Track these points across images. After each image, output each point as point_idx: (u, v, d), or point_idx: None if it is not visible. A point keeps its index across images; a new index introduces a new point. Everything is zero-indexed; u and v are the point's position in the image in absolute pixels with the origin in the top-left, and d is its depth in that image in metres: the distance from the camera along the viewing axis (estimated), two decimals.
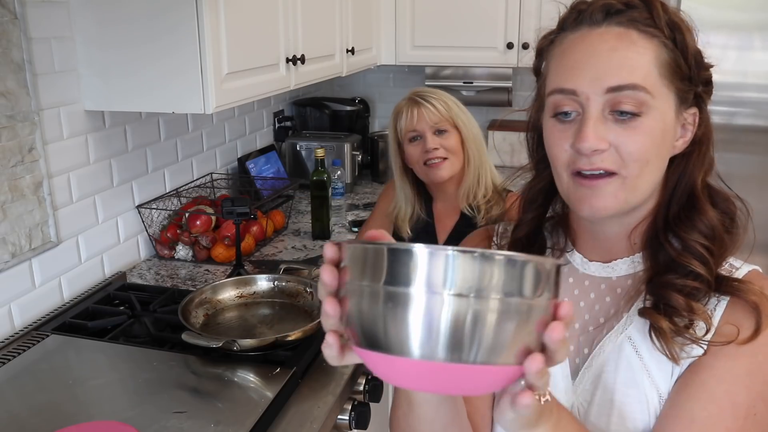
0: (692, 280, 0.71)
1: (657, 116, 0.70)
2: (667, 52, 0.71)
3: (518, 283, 0.49)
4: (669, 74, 0.71)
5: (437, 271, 0.48)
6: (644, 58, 0.70)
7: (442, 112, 1.60)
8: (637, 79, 0.69)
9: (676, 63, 0.71)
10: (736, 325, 0.69)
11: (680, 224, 0.75)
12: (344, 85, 3.40)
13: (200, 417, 1.15)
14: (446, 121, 1.60)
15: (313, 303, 1.54)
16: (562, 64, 0.75)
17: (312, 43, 2.10)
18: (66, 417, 1.15)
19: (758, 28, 2.41)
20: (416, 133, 1.61)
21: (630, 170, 0.71)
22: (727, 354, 0.69)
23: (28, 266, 1.54)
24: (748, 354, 0.69)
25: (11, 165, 1.46)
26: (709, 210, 0.74)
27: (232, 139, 2.51)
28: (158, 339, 1.46)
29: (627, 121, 0.70)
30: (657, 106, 0.70)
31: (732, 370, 0.69)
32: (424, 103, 1.60)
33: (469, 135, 1.64)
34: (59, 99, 1.59)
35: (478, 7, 2.83)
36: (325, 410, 1.23)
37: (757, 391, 0.69)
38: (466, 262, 0.48)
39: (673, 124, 0.72)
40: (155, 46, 1.52)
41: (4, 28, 1.41)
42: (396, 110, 1.67)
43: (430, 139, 1.60)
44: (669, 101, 0.71)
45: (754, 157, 2.55)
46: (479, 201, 1.63)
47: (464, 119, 1.64)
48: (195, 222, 1.97)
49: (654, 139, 0.71)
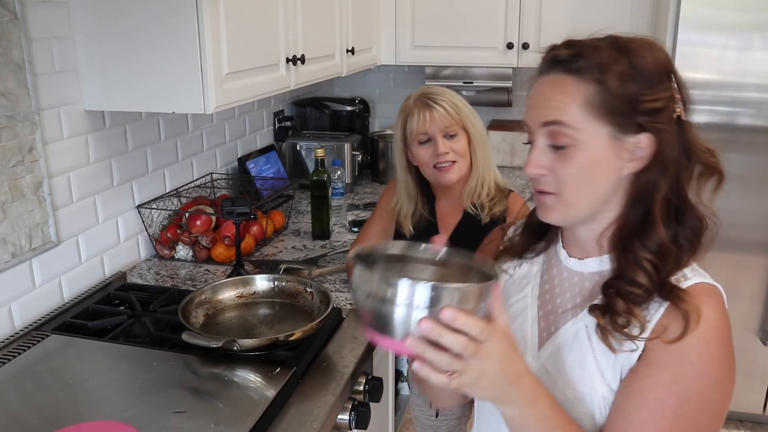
0: (635, 288, 0.83)
1: (585, 147, 0.84)
2: (597, 93, 0.83)
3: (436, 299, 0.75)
4: (598, 111, 0.83)
5: (403, 295, 0.75)
6: (572, 99, 0.84)
7: (453, 115, 1.59)
8: (563, 116, 0.84)
9: (605, 102, 0.82)
10: (667, 327, 0.81)
11: (632, 238, 0.86)
12: (344, 85, 3.40)
13: (200, 417, 1.15)
14: (456, 124, 1.60)
15: (312, 303, 1.54)
16: (526, 103, 0.92)
17: (312, 43, 2.10)
18: (66, 417, 1.15)
19: (758, 28, 2.41)
20: (427, 136, 1.61)
21: (565, 192, 0.87)
22: (658, 364, 0.81)
23: (28, 266, 1.55)
24: (675, 364, 0.80)
25: (11, 165, 1.46)
26: (660, 229, 0.84)
27: (232, 139, 2.52)
28: (158, 339, 1.46)
29: (560, 151, 0.85)
30: (584, 139, 0.84)
31: (661, 379, 0.81)
32: (436, 107, 1.59)
33: (476, 136, 1.63)
34: (59, 99, 1.59)
35: (478, 7, 2.83)
36: (325, 410, 1.23)
37: (683, 395, 0.80)
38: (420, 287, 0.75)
39: (607, 152, 0.84)
40: (155, 46, 1.52)
41: (4, 28, 1.41)
42: (405, 110, 1.65)
43: (441, 143, 1.59)
44: (599, 134, 0.84)
45: (754, 157, 2.55)
46: (483, 200, 1.64)
47: (473, 120, 1.63)
48: (195, 222, 1.97)
49: (584, 166, 0.85)
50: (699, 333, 0.80)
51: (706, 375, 0.81)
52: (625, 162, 0.85)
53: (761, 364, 2.75)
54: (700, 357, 0.80)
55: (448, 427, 1.88)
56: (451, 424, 1.88)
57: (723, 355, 0.82)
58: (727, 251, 2.63)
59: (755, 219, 2.60)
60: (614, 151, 0.84)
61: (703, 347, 0.80)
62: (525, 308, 0.98)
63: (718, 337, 0.81)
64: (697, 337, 0.80)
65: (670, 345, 0.80)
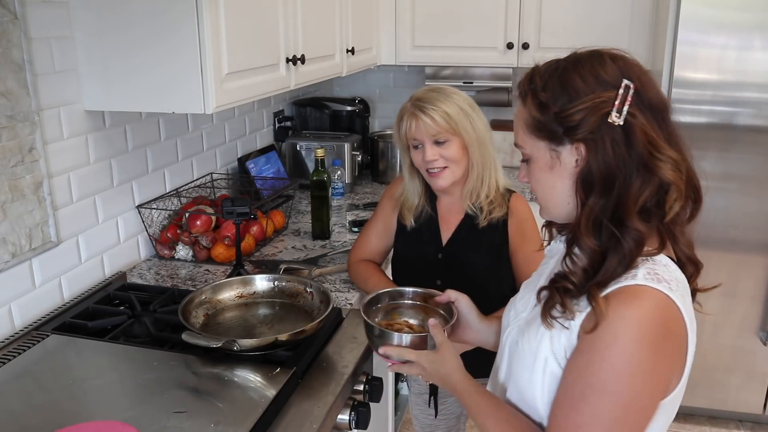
0: (568, 283, 0.95)
1: (534, 160, 0.99)
2: (528, 114, 0.97)
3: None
4: (533, 129, 0.97)
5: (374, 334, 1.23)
6: (519, 122, 1.00)
7: (440, 124, 1.56)
8: (517, 138, 1.02)
9: (534, 121, 0.96)
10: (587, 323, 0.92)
11: (572, 239, 0.97)
12: (344, 85, 3.40)
13: (200, 417, 1.15)
14: (446, 131, 1.57)
15: (312, 303, 1.54)
16: None
17: (312, 43, 2.10)
18: (66, 417, 1.15)
19: (758, 28, 2.41)
20: (417, 141, 1.61)
21: (537, 196, 1.03)
22: (579, 351, 0.92)
23: (28, 266, 1.55)
24: (587, 351, 0.90)
25: (11, 165, 1.46)
26: (585, 239, 0.93)
27: (232, 139, 2.52)
28: (158, 339, 1.46)
29: (528, 164, 1.02)
30: (531, 153, 0.99)
31: (576, 363, 0.92)
32: (422, 116, 1.57)
33: (471, 140, 1.60)
34: (59, 99, 1.59)
35: (478, 7, 2.83)
36: (325, 410, 1.23)
37: (586, 381, 0.89)
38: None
39: (548, 162, 0.97)
40: (155, 46, 1.53)
41: (4, 28, 1.41)
42: (399, 114, 1.64)
43: (429, 150, 1.58)
44: (539, 148, 0.97)
45: (754, 157, 2.55)
46: (482, 202, 1.63)
47: (466, 125, 1.59)
48: (195, 222, 1.97)
49: (539, 175, 1.00)
50: (609, 327, 0.87)
51: (608, 365, 0.87)
52: (571, 168, 0.95)
53: (761, 364, 2.75)
54: (607, 348, 0.87)
55: (447, 426, 1.88)
56: (450, 423, 1.88)
57: (634, 351, 0.87)
58: (727, 251, 2.63)
59: (755, 219, 2.60)
60: (555, 160, 0.96)
61: (610, 340, 0.87)
62: (542, 275, 1.12)
63: (630, 334, 0.87)
64: (607, 330, 0.88)
65: (587, 335, 0.90)
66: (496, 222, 1.64)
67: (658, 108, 0.92)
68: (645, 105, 0.90)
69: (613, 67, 0.92)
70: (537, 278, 1.14)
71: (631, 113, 0.89)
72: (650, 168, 0.90)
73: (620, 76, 0.91)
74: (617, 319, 0.87)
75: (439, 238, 1.70)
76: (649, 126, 0.90)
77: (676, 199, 0.91)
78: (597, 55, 0.94)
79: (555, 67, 0.96)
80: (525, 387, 1.00)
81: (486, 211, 1.63)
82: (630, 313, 0.87)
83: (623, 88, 0.89)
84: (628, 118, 0.89)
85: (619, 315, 0.87)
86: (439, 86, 1.65)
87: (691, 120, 2.53)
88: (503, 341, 1.13)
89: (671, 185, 0.90)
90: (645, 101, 0.91)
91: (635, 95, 0.89)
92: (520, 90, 0.99)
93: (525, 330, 1.04)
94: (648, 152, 0.89)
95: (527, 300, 1.11)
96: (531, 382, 0.99)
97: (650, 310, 0.87)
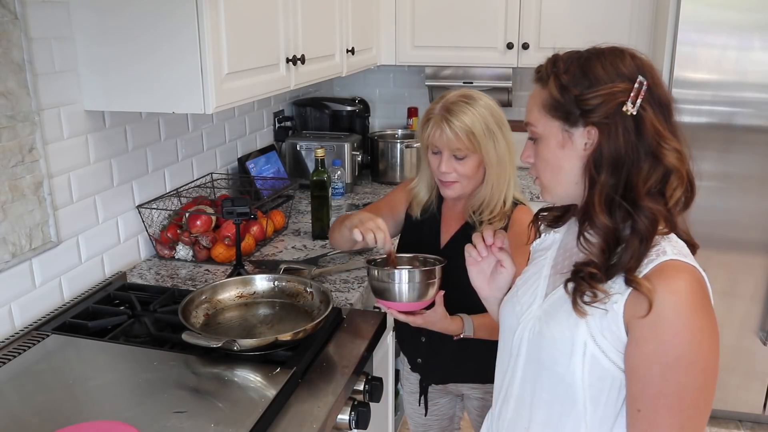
0: (593, 269, 0.99)
1: (545, 139, 1.04)
2: (547, 96, 1.02)
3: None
4: (549, 110, 1.03)
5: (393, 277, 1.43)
6: (535, 102, 1.05)
7: (463, 140, 1.53)
8: (530, 117, 1.07)
9: (552, 102, 1.02)
10: (636, 306, 0.94)
11: (584, 218, 1.02)
12: (344, 85, 3.40)
13: (200, 417, 1.15)
14: (467, 149, 1.55)
15: (312, 303, 1.54)
16: None
17: (312, 43, 2.10)
18: (66, 417, 1.15)
19: (758, 28, 2.41)
20: (437, 149, 1.59)
21: (541, 176, 1.08)
22: (640, 340, 0.94)
23: (28, 266, 1.55)
24: (653, 335, 0.93)
25: (11, 165, 1.46)
26: (600, 216, 0.98)
27: (232, 139, 2.52)
28: (158, 339, 1.46)
29: (536, 144, 1.07)
30: (543, 133, 1.05)
31: (645, 351, 0.94)
32: (447, 129, 1.53)
33: (491, 161, 1.57)
34: (59, 99, 1.59)
35: (478, 7, 2.83)
36: (325, 410, 1.23)
37: (664, 362, 0.92)
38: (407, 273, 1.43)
39: (560, 142, 1.02)
40: (155, 46, 1.53)
41: (5, 28, 1.41)
42: (426, 115, 1.61)
43: (446, 162, 1.56)
44: (552, 128, 1.03)
45: (754, 157, 2.55)
46: (483, 217, 1.61)
47: (488, 146, 1.55)
48: (195, 222, 1.97)
49: (547, 154, 1.04)
50: (668, 305, 0.91)
51: (680, 341, 0.92)
52: (580, 150, 1.01)
53: (761, 364, 2.75)
54: (671, 325, 0.92)
55: (440, 426, 1.88)
56: (443, 423, 1.88)
57: (696, 320, 0.92)
58: (727, 251, 2.63)
59: (755, 219, 2.59)
60: (567, 140, 1.02)
61: (673, 316, 0.92)
62: (542, 267, 1.15)
63: (687, 305, 0.92)
64: (667, 308, 0.92)
65: (644, 320, 0.93)
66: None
67: (665, 105, 0.99)
68: (655, 101, 0.98)
69: (631, 63, 0.99)
70: (537, 270, 1.16)
71: (642, 106, 0.97)
72: (657, 156, 0.97)
73: (636, 71, 0.98)
74: (670, 294, 0.92)
75: (437, 240, 1.70)
76: (656, 120, 0.97)
77: (677, 186, 0.98)
78: (618, 50, 1.01)
79: (578, 55, 1.02)
80: (564, 372, 1.02)
81: (486, 222, 1.61)
82: (680, 286, 0.93)
83: (638, 83, 0.96)
84: (640, 110, 0.96)
85: (671, 290, 0.92)
86: (471, 94, 1.60)
87: (691, 120, 2.53)
88: (517, 335, 1.13)
89: (672, 173, 0.97)
90: (655, 97, 0.98)
91: (647, 91, 0.97)
92: (541, 72, 1.05)
93: (549, 320, 1.06)
94: (656, 142, 0.97)
95: (533, 292, 1.13)
96: (570, 367, 1.01)
97: (694, 281, 0.94)
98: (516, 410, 1.13)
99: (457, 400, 1.85)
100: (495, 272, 1.26)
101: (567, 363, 1.01)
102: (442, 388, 1.78)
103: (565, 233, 1.16)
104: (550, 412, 1.06)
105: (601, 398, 1.01)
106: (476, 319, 1.52)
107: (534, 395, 1.09)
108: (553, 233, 1.19)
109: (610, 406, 1.01)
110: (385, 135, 3.11)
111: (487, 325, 1.52)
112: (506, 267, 1.24)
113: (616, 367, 0.98)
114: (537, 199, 2.71)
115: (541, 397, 1.07)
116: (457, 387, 1.76)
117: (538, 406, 1.08)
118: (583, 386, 1.00)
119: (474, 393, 1.74)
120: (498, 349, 1.22)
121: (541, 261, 1.17)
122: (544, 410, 1.07)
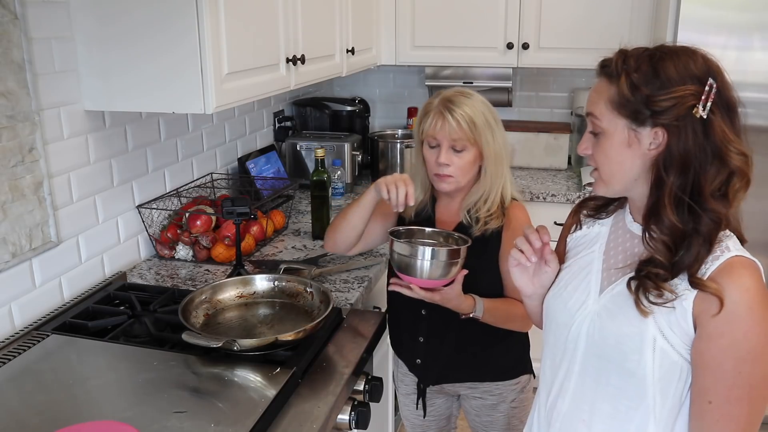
0: (659, 269, 1.00)
1: (608, 135, 1.05)
2: (616, 93, 1.02)
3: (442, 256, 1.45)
4: (617, 107, 1.02)
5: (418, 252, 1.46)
6: (601, 96, 1.05)
7: (464, 131, 1.54)
8: (594, 109, 1.06)
9: (621, 99, 1.01)
10: (706, 305, 0.97)
11: (650, 215, 1.04)
12: (344, 85, 3.40)
13: (200, 417, 1.15)
14: (467, 140, 1.55)
15: (312, 303, 1.54)
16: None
17: (312, 43, 2.10)
18: (66, 417, 1.15)
19: (758, 28, 2.41)
20: (436, 141, 1.59)
21: (601, 169, 1.08)
22: (714, 335, 0.97)
23: (28, 266, 1.55)
24: (727, 331, 0.96)
25: (11, 165, 1.46)
26: (668, 214, 1.00)
27: (232, 139, 2.52)
28: (158, 339, 1.46)
29: (597, 137, 1.07)
30: (607, 128, 1.04)
31: (719, 345, 0.97)
32: (449, 117, 1.54)
33: (489, 154, 1.58)
34: (59, 99, 1.59)
35: (478, 7, 2.83)
36: (325, 410, 1.23)
37: (738, 356, 0.96)
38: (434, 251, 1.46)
39: (625, 139, 1.03)
40: (155, 46, 1.53)
41: (5, 28, 1.41)
42: (425, 109, 1.62)
43: (444, 154, 1.56)
44: (618, 125, 1.03)
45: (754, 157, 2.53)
46: (481, 215, 1.61)
47: (488, 138, 1.57)
48: (195, 222, 1.97)
49: (609, 149, 1.05)
50: (742, 301, 0.95)
51: (753, 335, 0.95)
52: (645, 149, 1.02)
53: None
54: (746, 321, 0.95)
55: (438, 426, 1.87)
56: (441, 424, 1.87)
57: (765, 314, 0.96)
58: None
59: (755, 219, 2.59)
60: (632, 138, 1.02)
61: (747, 313, 0.95)
62: (591, 261, 1.16)
63: (759, 301, 0.96)
64: (741, 305, 0.95)
65: (716, 317, 0.95)
66: (489, 235, 1.61)
67: (732, 108, 1.02)
68: (723, 103, 1.00)
69: (702, 64, 1.00)
70: (585, 265, 1.16)
71: (711, 109, 0.98)
72: (723, 158, 0.99)
73: (707, 73, 0.99)
74: (741, 291, 0.96)
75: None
76: (723, 122, 0.99)
77: (740, 188, 1.01)
78: (690, 50, 1.02)
79: (649, 53, 1.02)
80: (634, 368, 1.03)
81: (482, 221, 1.59)
82: (749, 283, 0.96)
83: (709, 86, 0.97)
84: (709, 113, 0.98)
85: (741, 287, 0.96)
86: (468, 91, 1.62)
87: None
88: (573, 331, 1.12)
89: (736, 175, 1.00)
90: (723, 100, 1.00)
91: (716, 93, 0.98)
92: (609, 67, 1.03)
93: (611, 316, 1.07)
94: (722, 144, 0.99)
95: (585, 288, 1.13)
96: (641, 362, 1.02)
97: (758, 276, 0.98)
98: (573, 403, 1.14)
99: (453, 400, 1.85)
100: (539, 271, 1.24)
101: (638, 358, 1.02)
102: (439, 389, 1.78)
103: (611, 227, 1.17)
104: (617, 405, 1.07)
105: (669, 390, 1.03)
106: (486, 302, 1.55)
107: (597, 389, 1.09)
108: (598, 225, 1.19)
109: (676, 397, 1.03)
110: (385, 135, 3.11)
111: (493, 310, 1.55)
112: (551, 266, 1.22)
113: (684, 359, 1.01)
114: (537, 200, 2.71)
115: (606, 392, 1.08)
116: (454, 387, 1.76)
117: (603, 399, 1.09)
118: (653, 380, 1.02)
119: (472, 393, 1.74)
120: (545, 344, 1.23)
121: (589, 255, 1.17)
122: (609, 404, 1.08)
